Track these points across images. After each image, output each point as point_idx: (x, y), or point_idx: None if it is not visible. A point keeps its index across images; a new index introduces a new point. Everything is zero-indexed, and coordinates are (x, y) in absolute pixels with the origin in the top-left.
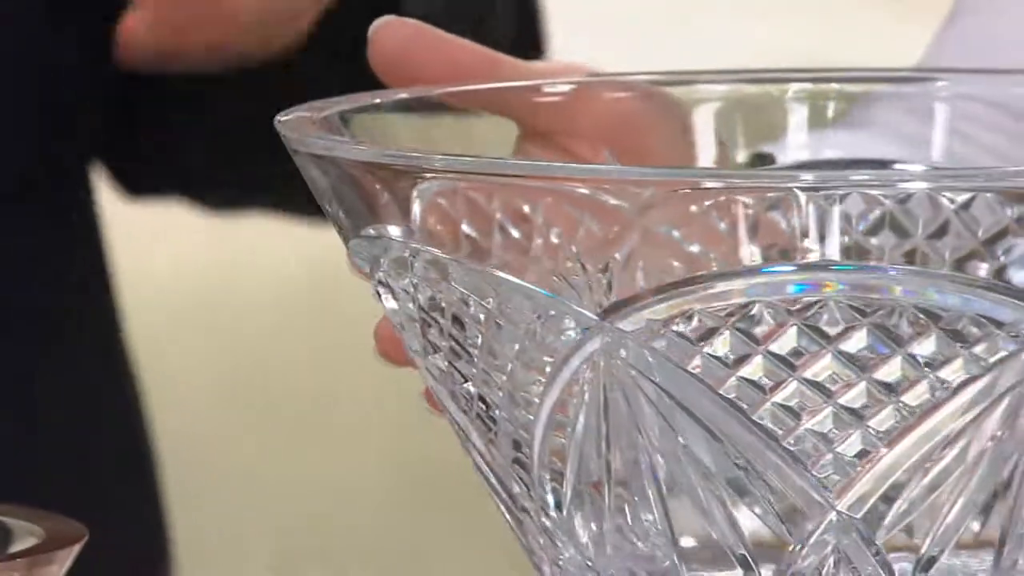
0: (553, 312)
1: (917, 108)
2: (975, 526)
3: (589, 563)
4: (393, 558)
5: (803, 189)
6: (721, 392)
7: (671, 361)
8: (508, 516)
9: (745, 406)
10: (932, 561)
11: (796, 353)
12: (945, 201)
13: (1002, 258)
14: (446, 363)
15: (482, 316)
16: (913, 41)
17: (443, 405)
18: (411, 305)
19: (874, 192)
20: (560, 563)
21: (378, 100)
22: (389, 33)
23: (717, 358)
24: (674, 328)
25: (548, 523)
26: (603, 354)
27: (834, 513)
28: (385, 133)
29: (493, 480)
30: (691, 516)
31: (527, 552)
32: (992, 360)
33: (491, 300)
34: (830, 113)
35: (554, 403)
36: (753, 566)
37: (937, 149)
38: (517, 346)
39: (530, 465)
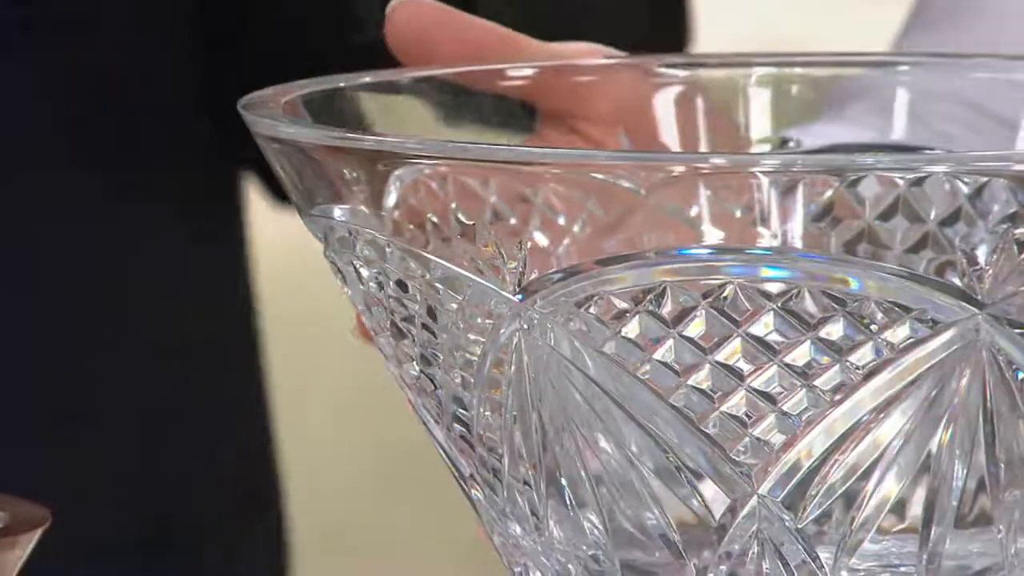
0: (476, 293)
1: (878, 95)
2: (898, 510)
3: (534, 542)
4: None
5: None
6: (638, 375)
7: (587, 342)
8: (465, 493)
9: (661, 389)
10: (856, 545)
11: (707, 336)
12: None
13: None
14: (393, 342)
15: (418, 297)
16: (888, 24)
17: (398, 383)
18: (360, 284)
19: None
20: (512, 541)
21: (342, 84)
22: (407, 12)
23: (631, 341)
24: (589, 310)
25: (496, 501)
26: (522, 335)
27: (756, 497)
28: (354, 115)
29: (446, 458)
30: (621, 500)
31: (487, 529)
32: (902, 345)
33: (424, 282)
34: (793, 96)
35: (486, 383)
36: (682, 552)
37: (897, 134)
38: (450, 325)
39: (472, 444)
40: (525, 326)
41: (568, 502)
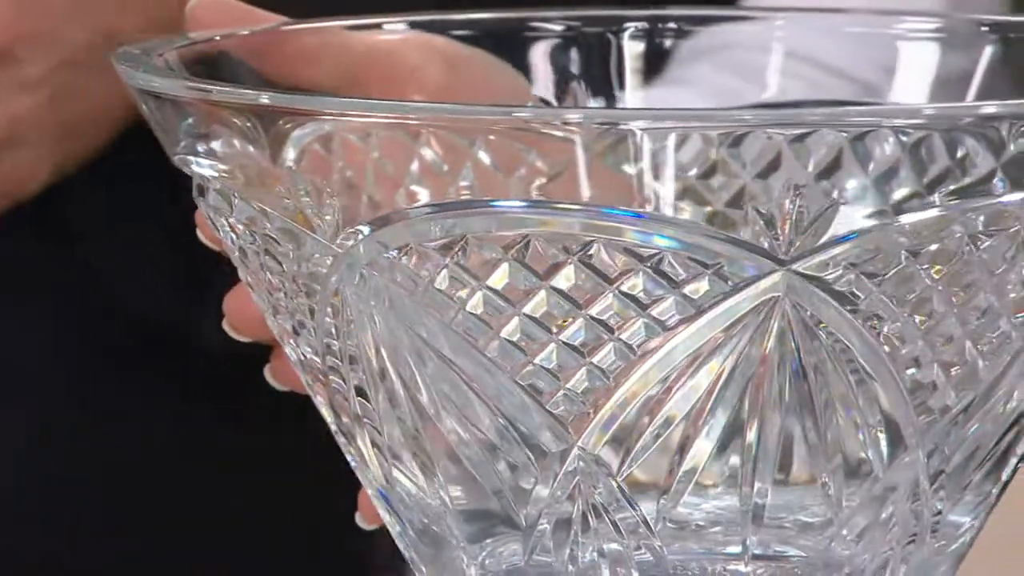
0: (301, 240)
1: (754, 46)
2: (718, 464)
3: (395, 507)
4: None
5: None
6: (452, 327)
7: (402, 293)
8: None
9: (475, 340)
10: (677, 497)
11: (512, 288)
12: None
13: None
14: (264, 292)
15: (260, 243)
16: None
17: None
18: (229, 232)
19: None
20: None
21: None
22: (207, 12)
23: (442, 292)
24: (401, 261)
25: (351, 452)
26: (345, 283)
27: (576, 449)
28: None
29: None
30: (450, 460)
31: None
32: (704, 301)
33: (266, 230)
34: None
35: (324, 332)
36: (512, 504)
37: (771, 88)
38: (290, 274)
39: (322, 399)
40: (345, 274)
41: (391, 452)
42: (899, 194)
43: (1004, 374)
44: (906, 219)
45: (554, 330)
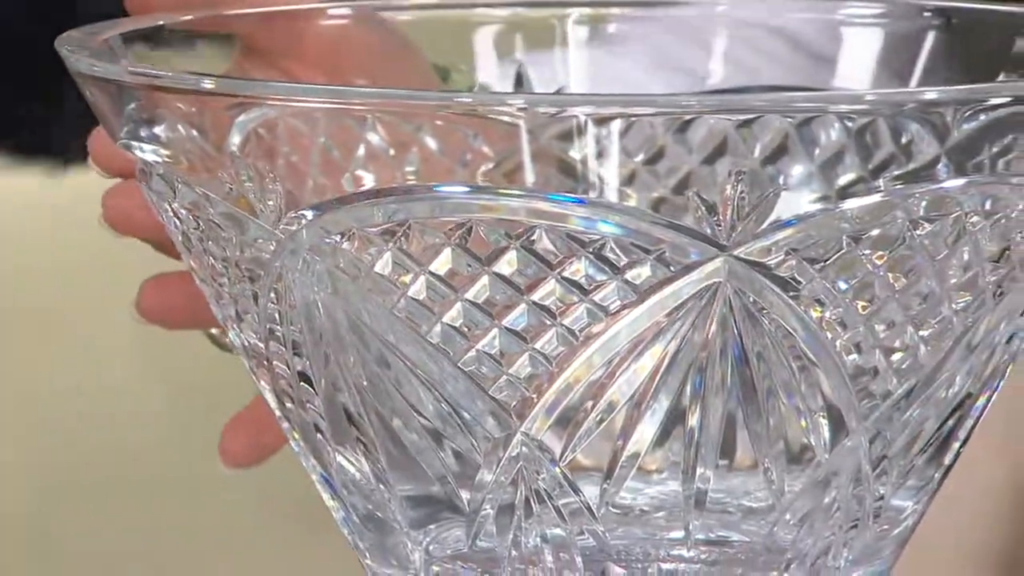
0: (244, 225)
1: (695, 32)
2: (660, 449)
3: (338, 493)
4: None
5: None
6: (395, 312)
7: (344, 278)
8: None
9: (420, 326)
10: (620, 483)
11: (453, 274)
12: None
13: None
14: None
15: (203, 228)
16: None
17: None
18: (172, 217)
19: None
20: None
21: (162, 22)
22: None
23: (385, 277)
24: (343, 246)
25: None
26: (284, 268)
27: (519, 435)
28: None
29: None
30: (394, 445)
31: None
32: (645, 286)
33: (209, 215)
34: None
35: (267, 317)
36: (455, 490)
37: (717, 75)
38: (233, 259)
39: (266, 385)
40: (287, 260)
41: (334, 438)
42: (844, 180)
43: (946, 359)
44: (848, 204)
45: (496, 315)
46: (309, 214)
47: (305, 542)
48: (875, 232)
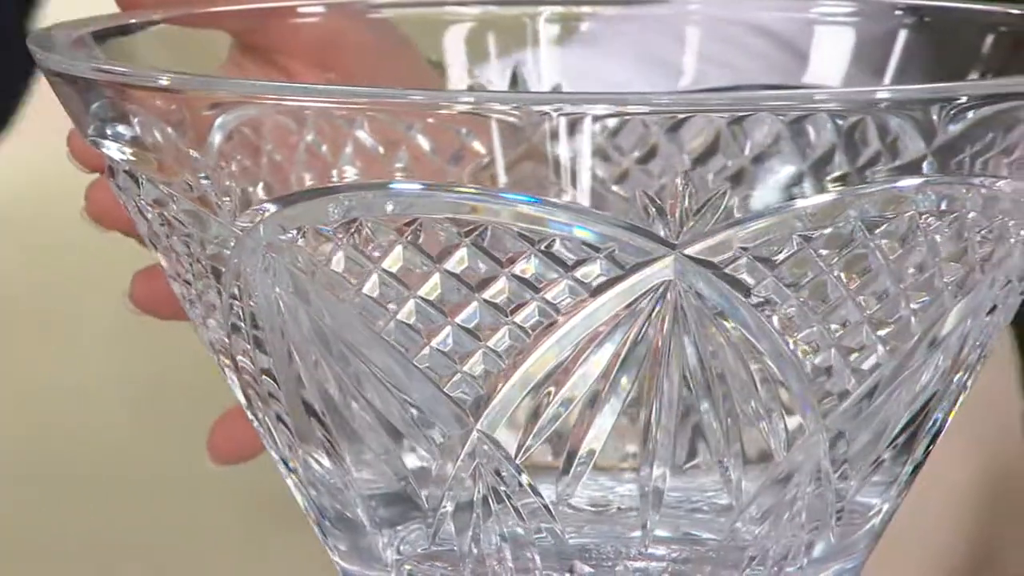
0: (206, 221)
1: (669, 30)
2: (617, 447)
3: (307, 492)
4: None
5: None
6: (351, 309)
7: (302, 275)
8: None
9: (372, 323)
10: (577, 481)
11: (406, 271)
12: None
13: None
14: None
15: (168, 225)
16: None
17: None
18: (138, 214)
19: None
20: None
21: (133, 20)
22: None
23: (339, 274)
24: (298, 243)
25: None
26: (246, 265)
27: (475, 433)
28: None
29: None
30: (358, 444)
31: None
32: (595, 284)
33: (172, 212)
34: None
35: (231, 314)
36: (415, 488)
37: (688, 74)
38: (196, 255)
39: (234, 381)
40: (247, 257)
41: (299, 436)
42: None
43: (908, 359)
44: (799, 204)
45: (449, 314)
46: (267, 209)
47: (300, 541)
48: (828, 231)
